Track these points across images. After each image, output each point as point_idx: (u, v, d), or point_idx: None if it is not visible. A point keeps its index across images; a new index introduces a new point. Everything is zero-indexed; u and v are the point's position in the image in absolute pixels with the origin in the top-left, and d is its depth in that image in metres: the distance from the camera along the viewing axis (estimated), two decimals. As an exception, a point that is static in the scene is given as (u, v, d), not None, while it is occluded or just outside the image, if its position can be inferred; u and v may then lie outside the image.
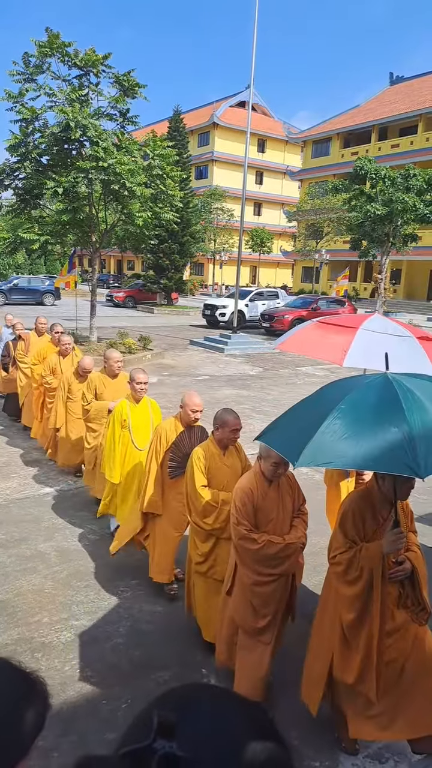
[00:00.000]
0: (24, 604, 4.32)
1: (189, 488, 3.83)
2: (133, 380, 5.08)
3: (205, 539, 3.76)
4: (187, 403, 4.33)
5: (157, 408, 5.24)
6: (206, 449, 3.90)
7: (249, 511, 3.25)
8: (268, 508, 3.31)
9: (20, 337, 8.86)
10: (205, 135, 53.65)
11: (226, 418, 3.84)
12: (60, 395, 6.81)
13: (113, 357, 5.95)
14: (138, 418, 5.10)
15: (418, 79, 46.76)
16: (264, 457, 3.28)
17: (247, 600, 3.26)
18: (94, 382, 5.90)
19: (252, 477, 3.37)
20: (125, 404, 5.08)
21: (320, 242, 39.12)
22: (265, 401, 11.48)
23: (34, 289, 32.92)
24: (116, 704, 3.37)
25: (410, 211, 19.30)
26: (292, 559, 3.27)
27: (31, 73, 13.75)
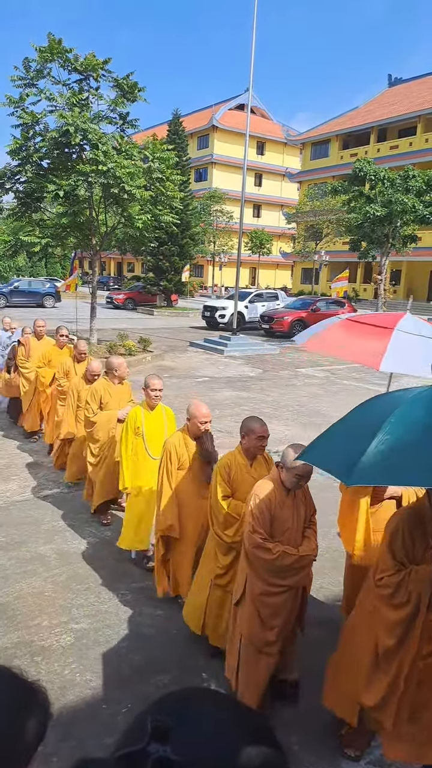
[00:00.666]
0: (24, 607, 4.31)
1: (212, 499, 3.73)
2: (147, 387, 4.89)
3: (227, 552, 3.67)
4: (195, 414, 4.17)
5: (171, 415, 5.08)
6: (232, 459, 3.76)
7: (266, 520, 3.19)
8: (284, 517, 3.25)
9: (20, 341, 8.75)
10: (205, 138, 53.74)
11: (251, 426, 3.70)
12: (70, 403, 6.59)
13: (116, 363, 5.80)
14: (152, 425, 4.92)
15: (417, 81, 46.83)
16: (287, 467, 3.18)
17: (256, 610, 3.20)
18: (99, 391, 5.69)
19: (270, 484, 3.28)
20: (139, 411, 4.90)
21: (320, 244, 39.15)
22: (265, 403, 11.47)
23: (34, 291, 32.97)
24: (116, 708, 3.36)
25: (409, 212, 19.32)
26: (304, 571, 3.23)
27: (32, 78, 13.80)
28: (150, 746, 0.66)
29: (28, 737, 0.92)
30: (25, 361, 8.45)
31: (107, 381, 5.80)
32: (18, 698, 0.96)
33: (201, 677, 3.66)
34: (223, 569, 3.67)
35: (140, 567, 4.96)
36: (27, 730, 0.92)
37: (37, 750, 0.93)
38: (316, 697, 3.26)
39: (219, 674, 3.68)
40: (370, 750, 3.17)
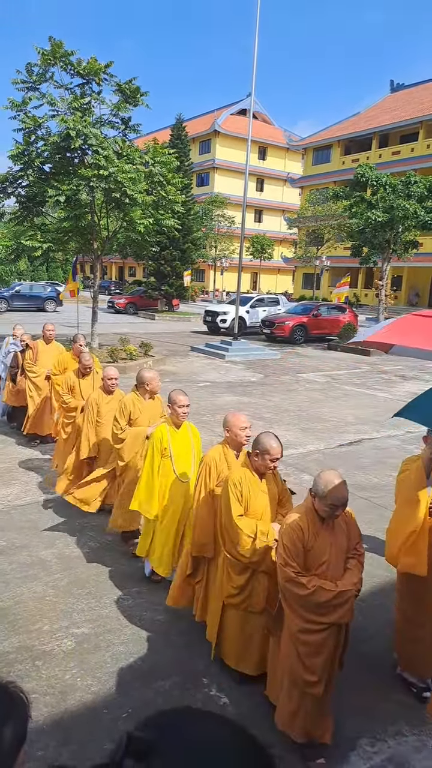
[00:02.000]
0: (25, 612, 4.31)
1: (224, 518, 3.53)
2: (174, 403, 4.50)
3: (241, 572, 3.48)
4: (234, 423, 3.92)
5: (197, 434, 4.74)
6: (243, 474, 3.57)
7: (298, 552, 3.00)
8: (319, 548, 3.04)
9: (28, 345, 8.58)
10: (207, 143, 53.93)
11: (268, 446, 3.49)
12: (89, 419, 5.87)
13: (147, 377, 5.28)
14: (179, 444, 4.55)
15: (419, 87, 47.00)
16: (320, 496, 2.99)
17: (294, 649, 3.02)
18: (128, 407, 5.21)
19: (303, 513, 3.09)
20: (165, 429, 4.52)
21: (321, 249, 39.20)
22: (266, 408, 11.47)
23: (36, 295, 33.05)
24: (117, 713, 3.36)
25: (411, 218, 19.35)
26: (345, 607, 2.97)
27: (34, 81, 13.85)
28: (124, 762, 0.65)
29: (6, 742, 0.90)
30: (33, 365, 8.27)
31: (137, 395, 5.32)
32: None
33: (202, 682, 3.66)
34: (237, 589, 3.50)
35: (154, 579, 4.79)
36: (4, 735, 0.90)
37: (18, 754, 0.92)
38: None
39: (220, 680, 3.68)
40: (370, 756, 3.17)
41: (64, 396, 6.59)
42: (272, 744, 3.12)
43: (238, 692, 3.58)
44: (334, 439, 9.49)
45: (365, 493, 7.03)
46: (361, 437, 9.68)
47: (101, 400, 5.90)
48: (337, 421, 10.71)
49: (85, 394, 6.40)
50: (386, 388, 14.40)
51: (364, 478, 7.59)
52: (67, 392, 6.62)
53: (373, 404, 12.30)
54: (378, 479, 7.58)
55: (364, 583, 4.96)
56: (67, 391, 6.62)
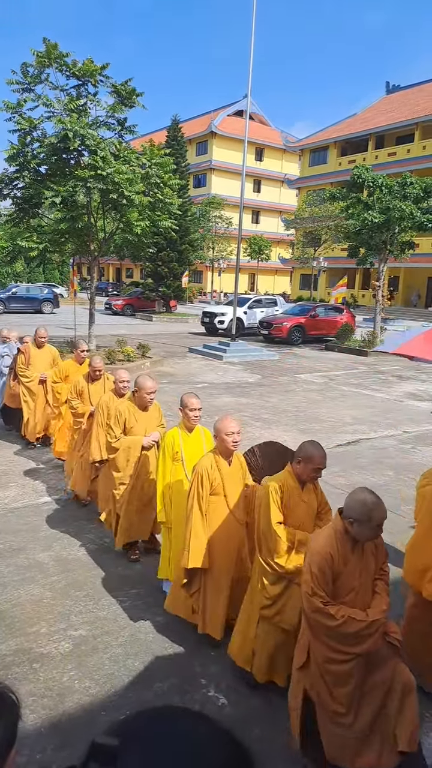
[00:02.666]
0: (22, 614, 4.30)
1: (262, 525, 3.39)
2: (186, 406, 4.38)
3: (276, 581, 3.35)
4: (220, 428, 3.84)
5: (210, 437, 4.48)
6: (284, 482, 3.43)
7: (327, 580, 2.83)
8: (350, 574, 2.87)
9: (19, 350, 8.49)
10: (204, 144, 54.02)
11: (312, 454, 3.38)
12: (100, 420, 5.64)
13: (146, 386, 5.02)
14: (191, 449, 4.41)
15: (415, 88, 47.20)
16: (361, 520, 2.78)
17: (321, 677, 2.87)
18: (124, 414, 5.04)
19: (332, 538, 2.88)
20: (176, 434, 4.40)
21: (318, 250, 39.27)
22: (264, 408, 11.47)
23: (32, 297, 33.00)
24: (115, 715, 3.34)
25: (407, 219, 19.37)
26: (375, 636, 2.81)
27: (30, 82, 13.84)
28: (88, 765, 0.65)
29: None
30: (25, 369, 8.15)
31: (133, 403, 5.14)
32: None
33: (200, 683, 3.65)
34: (270, 599, 3.36)
35: None
36: None
37: (9, 754, 0.91)
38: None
39: (218, 681, 3.67)
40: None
41: (72, 401, 6.39)
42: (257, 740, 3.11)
43: (236, 693, 3.57)
44: (332, 439, 9.49)
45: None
46: (358, 437, 9.68)
47: (112, 404, 5.67)
48: (334, 421, 10.71)
49: (94, 400, 6.23)
50: (384, 388, 14.42)
51: (362, 478, 7.59)
52: (76, 397, 6.41)
53: (370, 404, 12.30)
54: (376, 479, 7.58)
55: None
56: (75, 396, 6.42)
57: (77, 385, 6.44)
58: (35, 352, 8.29)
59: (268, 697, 3.54)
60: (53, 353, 8.52)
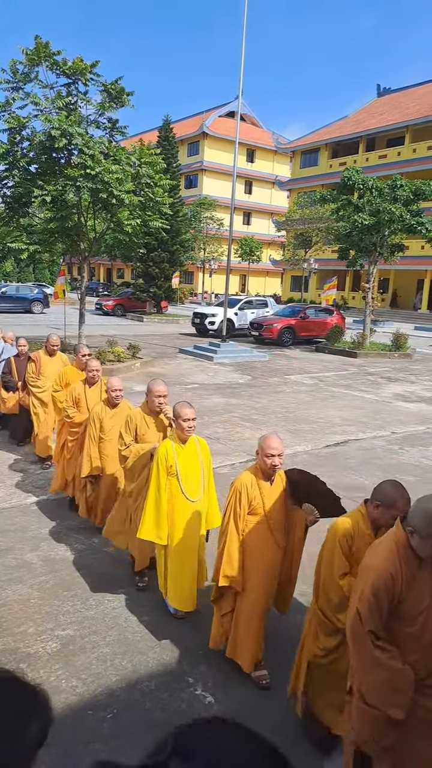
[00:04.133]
0: (9, 614, 4.29)
1: (323, 573, 3.06)
2: (178, 416, 4.11)
3: (332, 633, 3.03)
4: (263, 447, 3.52)
5: (206, 448, 4.32)
6: (356, 527, 2.98)
7: (382, 608, 2.35)
8: (416, 597, 2.37)
9: (30, 358, 7.94)
10: (195, 144, 54.02)
11: (394, 499, 2.84)
12: (91, 434, 5.33)
13: (155, 389, 4.66)
14: (186, 461, 4.14)
15: (405, 91, 47.51)
16: (422, 533, 2.33)
17: (365, 714, 2.50)
18: (135, 420, 4.68)
19: (394, 554, 2.40)
20: (169, 446, 4.11)
21: (309, 251, 39.42)
22: (254, 409, 11.50)
23: (22, 297, 32.84)
24: (102, 714, 3.35)
25: (397, 222, 19.48)
26: None
27: (19, 81, 13.78)
28: None
29: (29, 740, 0.93)
30: (37, 379, 7.63)
31: (144, 411, 4.81)
32: (19, 701, 0.97)
33: (188, 682, 3.66)
34: (323, 651, 3.07)
35: (178, 617, 4.32)
36: (28, 733, 0.93)
37: (37, 753, 0.94)
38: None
39: (205, 679, 3.69)
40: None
41: (69, 410, 5.96)
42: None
43: (223, 691, 3.59)
44: (321, 440, 9.54)
45: (353, 493, 7.05)
46: (347, 438, 9.73)
47: (104, 414, 5.36)
48: (324, 422, 10.76)
49: (91, 407, 5.78)
50: (373, 389, 14.50)
51: (351, 479, 7.64)
52: (72, 405, 6.00)
53: (359, 406, 12.37)
54: (364, 479, 7.63)
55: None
56: (72, 404, 6.00)
57: (73, 392, 6.04)
58: (46, 360, 7.74)
59: (255, 695, 3.57)
60: (65, 362, 7.92)
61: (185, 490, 4.10)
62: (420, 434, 10.29)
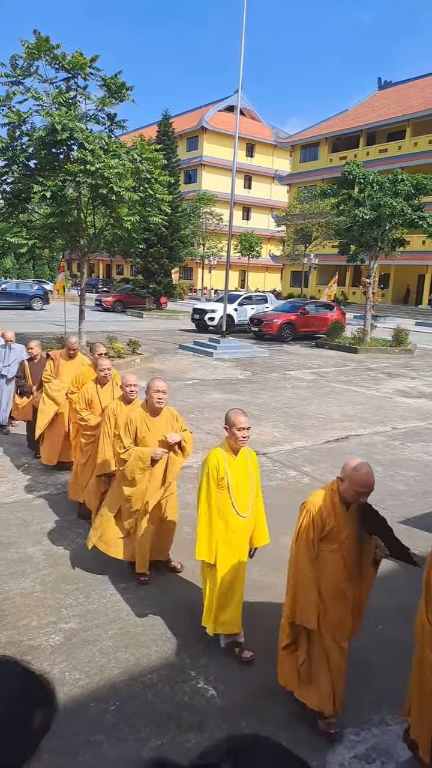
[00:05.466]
0: (12, 608, 4.32)
1: None
2: (233, 425, 3.79)
3: None
4: (353, 477, 3.10)
5: (255, 459, 4.04)
6: None
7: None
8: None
9: (49, 356, 7.48)
10: (194, 139, 53.89)
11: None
12: (106, 431, 5.11)
13: (154, 386, 4.52)
14: (237, 474, 3.84)
15: (406, 84, 47.34)
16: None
17: None
18: (135, 423, 4.52)
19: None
20: (220, 456, 3.81)
21: (309, 247, 39.37)
22: (254, 405, 11.51)
23: (22, 293, 32.85)
24: (104, 706, 3.38)
25: (398, 216, 19.45)
26: None
27: (19, 75, 13.75)
28: None
29: (34, 728, 0.95)
30: (53, 378, 7.17)
31: (144, 410, 4.61)
32: (25, 689, 0.99)
33: (189, 675, 3.69)
34: None
35: (237, 656, 3.91)
36: (33, 721, 0.95)
37: (42, 739, 0.96)
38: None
39: (207, 672, 3.72)
40: (354, 744, 3.22)
41: (82, 412, 5.69)
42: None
43: (224, 684, 3.62)
44: (321, 435, 9.56)
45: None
46: (348, 434, 9.76)
47: (119, 411, 5.12)
48: (324, 418, 10.78)
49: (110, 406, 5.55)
50: (373, 385, 14.51)
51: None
52: (85, 407, 5.73)
53: (360, 401, 12.39)
54: (364, 474, 7.65)
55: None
56: (85, 406, 5.73)
57: (86, 393, 5.77)
58: (65, 363, 7.31)
59: (256, 689, 3.59)
60: (85, 363, 7.32)
61: (236, 504, 3.80)
62: (421, 430, 10.31)
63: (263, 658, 3.81)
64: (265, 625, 4.08)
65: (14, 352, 8.61)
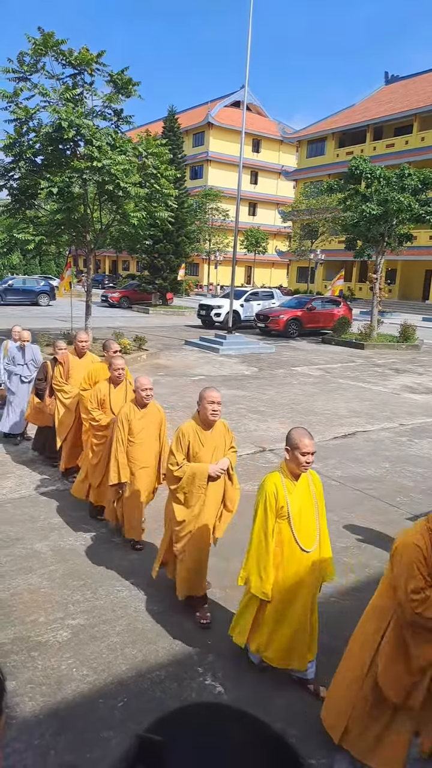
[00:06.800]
0: (20, 604, 4.32)
1: None
2: (296, 447, 3.34)
3: None
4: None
5: (319, 484, 3.60)
6: None
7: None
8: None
9: (57, 360, 7.16)
10: (200, 135, 53.72)
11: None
12: (119, 437, 4.90)
13: (208, 396, 4.07)
14: (300, 502, 3.40)
15: (414, 79, 46.98)
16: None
17: None
18: (187, 437, 4.09)
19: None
20: (279, 481, 3.39)
21: (315, 242, 39.19)
22: (261, 401, 11.49)
23: (29, 289, 32.92)
24: (112, 703, 3.38)
25: (405, 211, 19.31)
26: None
27: (26, 71, 13.73)
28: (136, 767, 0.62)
29: None
30: (64, 384, 6.89)
31: (196, 423, 4.20)
32: None
33: (197, 672, 3.68)
34: None
35: None
36: None
37: None
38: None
39: (215, 669, 3.71)
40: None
41: (93, 412, 5.49)
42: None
43: (232, 681, 3.61)
44: (329, 431, 9.52)
45: (360, 485, 7.07)
46: (355, 430, 9.72)
47: (133, 415, 4.92)
48: (331, 414, 10.74)
49: (116, 408, 5.41)
50: (380, 381, 14.45)
51: (358, 470, 7.63)
52: (97, 406, 5.54)
53: (367, 397, 12.34)
54: (372, 471, 7.62)
55: (359, 573, 5.00)
56: (97, 405, 5.54)
57: (99, 393, 5.57)
58: (75, 363, 7.03)
59: (264, 685, 3.58)
60: (96, 362, 7.06)
61: (299, 537, 3.35)
62: (428, 426, 10.26)
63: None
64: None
65: (29, 352, 8.25)
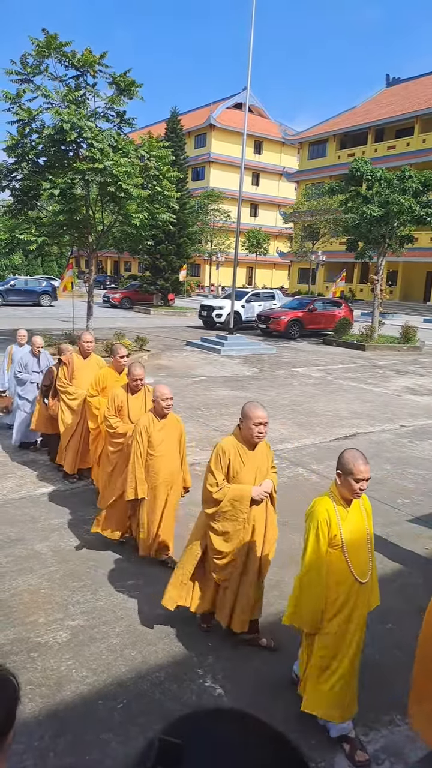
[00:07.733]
0: (20, 604, 4.32)
1: None
2: (349, 473, 3.06)
3: None
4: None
5: (370, 510, 3.31)
6: None
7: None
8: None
9: (61, 361, 7.01)
10: (202, 136, 53.78)
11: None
12: (137, 451, 4.62)
13: (254, 416, 3.77)
14: (352, 528, 3.11)
15: (415, 81, 47.00)
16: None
17: None
18: (228, 455, 3.75)
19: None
20: (331, 508, 3.09)
21: (316, 243, 39.20)
22: (262, 402, 11.47)
23: (30, 290, 32.99)
24: (112, 704, 3.37)
25: (406, 213, 19.30)
26: None
27: (29, 73, 13.76)
28: None
29: None
30: (68, 385, 6.78)
31: (237, 440, 3.83)
32: None
33: (197, 674, 3.68)
34: None
35: None
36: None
37: (7, 737, 0.91)
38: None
39: (214, 671, 3.70)
40: (364, 745, 3.19)
41: (110, 418, 5.29)
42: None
43: (232, 683, 3.60)
44: (329, 433, 9.51)
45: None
46: (356, 431, 9.70)
47: (152, 427, 4.65)
48: (332, 415, 10.73)
49: (133, 416, 5.22)
50: (381, 382, 14.44)
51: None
52: (115, 413, 5.32)
53: (368, 399, 12.32)
54: (373, 473, 7.53)
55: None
56: (114, 413, 5.32)
57: (116, 399, 5.34)
58: (80, 364, 6.92)
59: (264, 687, 3.58)
60: (101, 365, 7.03)
61: (353, 565, 3.05)
62: (430, 428, 10.25)
63: (271, 656, 3.79)
64: (273, 624, 4.06)
65: (44, 359, 7.95)
